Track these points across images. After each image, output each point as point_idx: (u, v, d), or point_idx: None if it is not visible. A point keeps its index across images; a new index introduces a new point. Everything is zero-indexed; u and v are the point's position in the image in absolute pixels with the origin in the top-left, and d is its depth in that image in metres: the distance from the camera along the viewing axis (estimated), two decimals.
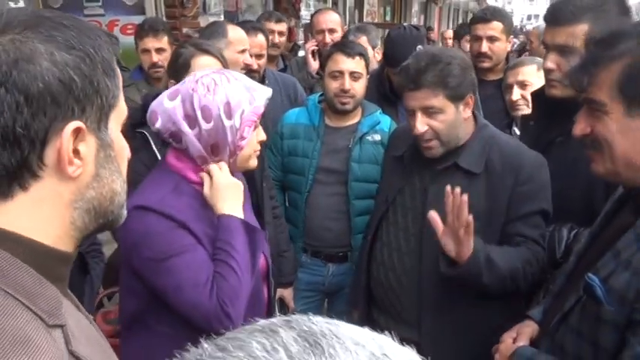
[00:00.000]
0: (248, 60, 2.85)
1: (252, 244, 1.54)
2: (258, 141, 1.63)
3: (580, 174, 1.77)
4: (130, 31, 4.57)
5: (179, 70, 2.20)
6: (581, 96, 1.34)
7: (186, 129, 1.51)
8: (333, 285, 2.83)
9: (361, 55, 2.67)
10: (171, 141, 1.57)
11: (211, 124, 1.51)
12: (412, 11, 16.38)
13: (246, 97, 1.53)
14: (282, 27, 3.98)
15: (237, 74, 1.62)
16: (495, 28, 3.21)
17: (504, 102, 2.92)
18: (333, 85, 2.65)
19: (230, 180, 1.56)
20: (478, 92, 2.17)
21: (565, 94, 1.87)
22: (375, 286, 2.12)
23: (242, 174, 1.73)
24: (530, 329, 1.62)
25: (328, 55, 2.74)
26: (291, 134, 2.77)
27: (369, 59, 2.80)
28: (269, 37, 3.52)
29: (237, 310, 1.48)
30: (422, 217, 1.90)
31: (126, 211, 0.88)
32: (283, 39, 4.04)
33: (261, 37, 3.30)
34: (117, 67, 0.81)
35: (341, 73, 2.63)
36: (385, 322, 2.05)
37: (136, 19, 4.59)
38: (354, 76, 2.64)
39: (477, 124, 1.99)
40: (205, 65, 2.12)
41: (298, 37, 7.09)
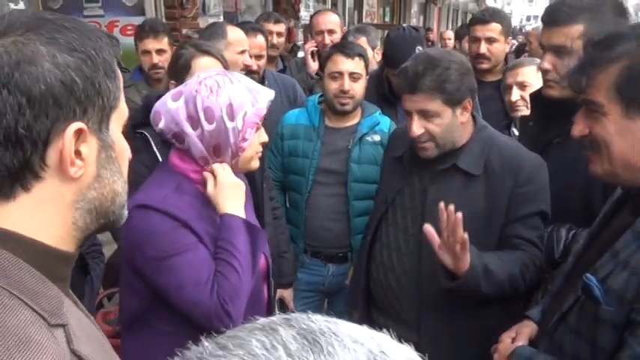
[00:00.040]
0: (247, 61, 2.84)
1: (254, 244, 1.55)
2: (260, 142, 1.63)
3: (578, 174, 1.77)
4: (130, 32, 4.56)
5: (180, 71, 2.20)
6: (579, 97, 1.34)
7: (188, 130, 1.52)
8: (333, 285, 2.84)
9: (360, 55, 2.67)
10: (174, 141, 1.58)
11: (214, 125, 1.51)
12: (411, 12, 16.37)
13: (248, 99, 1.54)
14: (281, 28, 3.97)
15: (240, 76, 1.63)
16: (494, 29, 3.20)
17: (503, 103, 2.92)
18: (333, 85, 2.65)
19: (233, 180, 1.56)
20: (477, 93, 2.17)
21: (562, 95, 1.87)
22: (374, 287, 2.12)
23: (243, 175, 1.74)
24: (529, 329, 1.62)
25: (328, 56, 2.74)
26: (291, 135, 2.78)
27: (369, 60, 2.80)
28: (268, 38, 3.52)
29: (238, 308, 1.49)
30: (421, 218, 1.90)
31: (127, 212, 0.89)
32: (282, 40, 4.04)
33: (260, 38, 3.30)
34: (117, 69, 0.82)
35: (340, 73, 2.63)
36: (384, 322, 2.05)
37: (135, 19, 4.59)
38: (354, 76, 2.64)
39: (476, 125, 1.99)
40: (206, 66, 2.13)
41: (297, 38, 7.10)
